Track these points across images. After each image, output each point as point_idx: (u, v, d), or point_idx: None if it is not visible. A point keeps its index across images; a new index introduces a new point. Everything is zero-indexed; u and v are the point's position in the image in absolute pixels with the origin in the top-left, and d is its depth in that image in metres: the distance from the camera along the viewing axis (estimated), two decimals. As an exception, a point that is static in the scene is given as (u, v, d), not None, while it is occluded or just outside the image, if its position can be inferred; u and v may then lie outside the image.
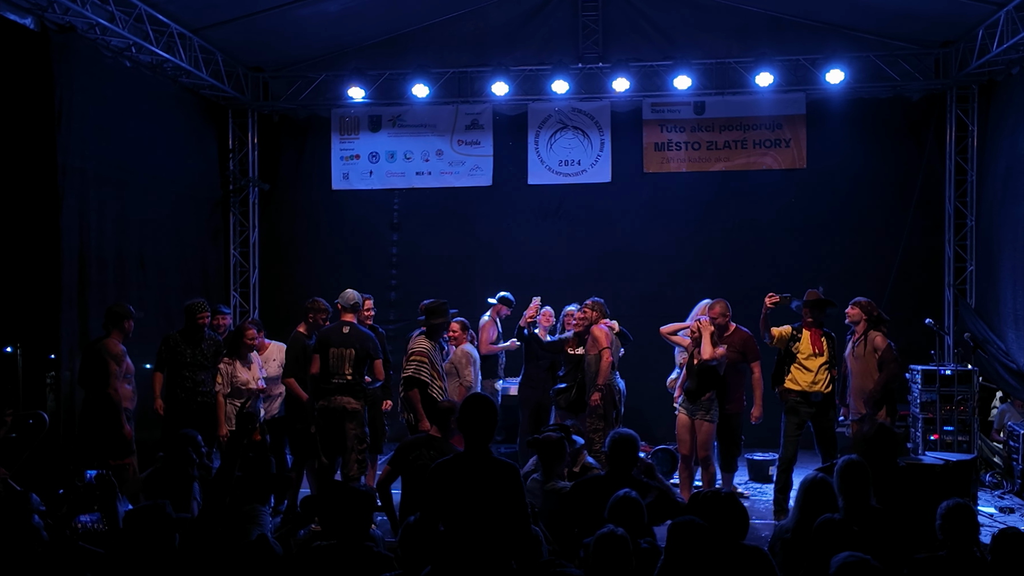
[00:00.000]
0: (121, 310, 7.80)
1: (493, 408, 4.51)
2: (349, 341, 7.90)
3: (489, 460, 4.42)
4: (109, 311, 7.83)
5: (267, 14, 10.39)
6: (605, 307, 8.77)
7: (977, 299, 11.40)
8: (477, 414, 4.46)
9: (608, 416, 8.40)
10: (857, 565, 3.90)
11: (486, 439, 4.47)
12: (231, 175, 12.46)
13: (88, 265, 9.07)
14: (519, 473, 4.47)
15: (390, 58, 12.00)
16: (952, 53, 11.18)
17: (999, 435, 10.37)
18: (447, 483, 4.39)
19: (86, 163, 9.08)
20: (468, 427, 4.47)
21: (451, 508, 4.35)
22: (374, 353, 7.98)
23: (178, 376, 8.09)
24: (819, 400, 8.15)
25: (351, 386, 7.82)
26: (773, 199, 11.92)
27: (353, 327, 8.05)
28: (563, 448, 6.06)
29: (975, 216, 11.50)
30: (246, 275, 12.66)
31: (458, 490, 4.35)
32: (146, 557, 4.45)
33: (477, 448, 4.45)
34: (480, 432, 4.45)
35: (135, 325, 7.91)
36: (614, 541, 4.23)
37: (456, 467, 4.43)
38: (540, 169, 12.15)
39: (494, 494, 4.33)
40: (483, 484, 4.34)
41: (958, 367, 10.09)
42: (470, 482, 4.35)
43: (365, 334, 8.07)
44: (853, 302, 8.44)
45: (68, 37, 8.81)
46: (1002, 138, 10.51)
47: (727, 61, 11.58)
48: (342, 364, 7.83)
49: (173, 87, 11.00)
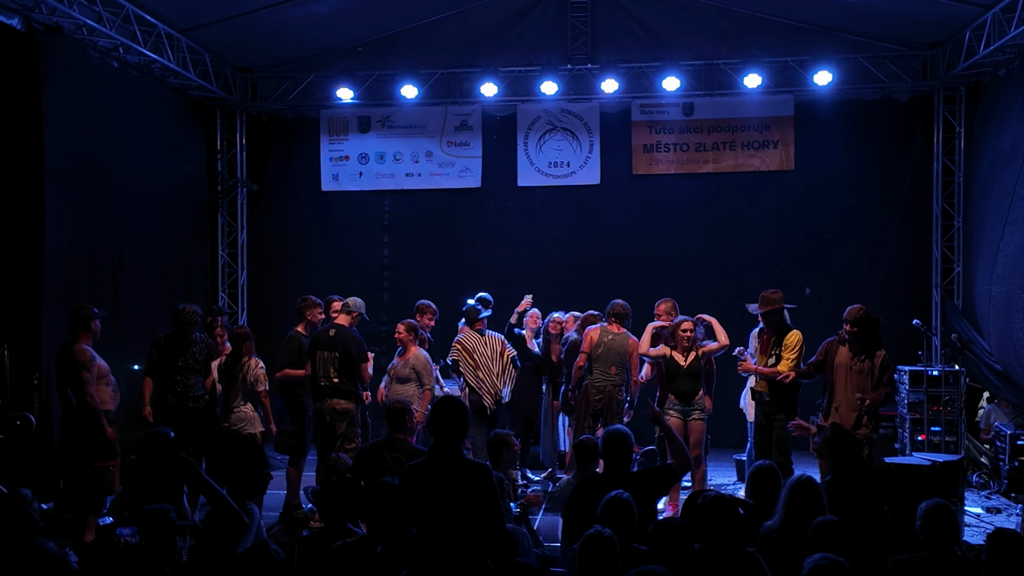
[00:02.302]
0: (85, 312, 7.65)
1: (464, 411, 4.52)
2: (334, 344, 8.04)
3: (461, 461, 4.43)
4: (74, 315, 7.66)
5: (255, 15, 10.36)
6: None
7: (964, 300, 11.45)
8: (448, 417, 4.46)
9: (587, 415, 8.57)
10: (829, 567, 3.91)
11: (457, 441, 4.47)
12: (219, 176, 12.42)
13: (73, 266, 9.03)
14: (491, 473, 4.48)
15: (379, 59, 11.99)
16: (939, 55, 11.23)
17: (986, 435, 10.42)
18: (420, 486, 4.39)
19: (72, 164, 9.04)
20: (439, 429, 4.47)
21: (424, 511, 4.35)
22: (357, 357, 8.05)
23: (169, 380, 8.05)
24: (768, 400, 8.05)
25: (336, 388, 7.98)
26: (761, 201, 11.95)
27: (340, 330, 8.14)
28: (596, 450, 6.11)
29: (962, 217, 11.54)
30: (234, 276, 12.63)
31: (431, 492, 4.35)
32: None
33: (448, 450, 4.44)
34: (451, 434, 4.45)
35: (107, 324, 7.85)
36: (600, 542, 4.23)
37: (428, 469, 4.43)
38: (529, 171, 12.15)
39: (466, 495, 4.33)
40: (455, 485, 4.34)
41: (945, 368, 10.12)
42: (442, 484, 4.34)
43: (351, 337, 8.14)
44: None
45: (55, 37, 8.78)
46: (987, 138, 10.58)
47: (715, 62, 11.60)
48: (327, 367, 7.99)
49: (161, 88, 10.97)
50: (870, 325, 7.63)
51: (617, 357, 8.63)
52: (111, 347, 7.89)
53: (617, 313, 8.82)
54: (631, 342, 8.68)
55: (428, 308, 9.20)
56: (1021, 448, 9.28)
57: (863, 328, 7.58)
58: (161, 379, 8.01)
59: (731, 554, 4.45)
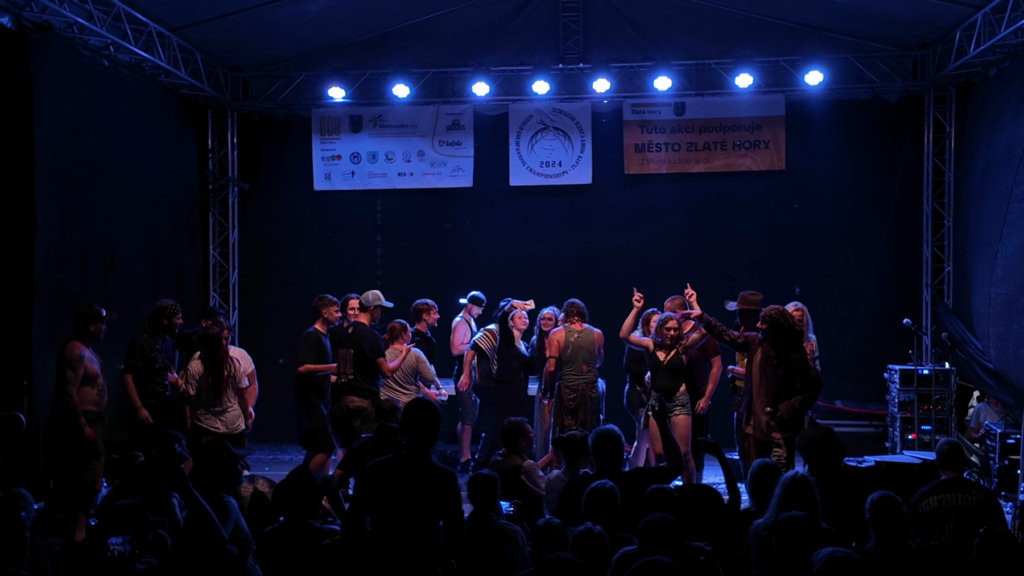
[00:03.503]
0: (88, 312, 7.64)
1: (436, 413, 4.48)
2: (350, 341, 8.31)
3: (428, 466, 4.38)
4: (77, 314, 7.68)
5: (247, 13, 10.32)
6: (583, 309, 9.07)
7: (954, 299, 11.49)
8: (419, 419, 4.42)
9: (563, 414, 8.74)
10: (841, 560, 3.92)
11: (427, 444, 4.42)
12: (210, 175, 12.38)
13: (62, 265, 8.99)
14: (456, 481, 4.42)
15: (371, 58, 11.97)
16: (930, 55, 11.26)
17: (976, 434, 10.45)
18: (381, 483, 4.35)
19: (63, 163, 8.98)
20: (409, 431, 4.42)
21: (382, 509, 4.31)
22: (371, 354, 8.15)
23: (151, 381, 8.04)
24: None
25: (351, 385, 8.24)
26: (752, 201, 11.98)
27: (357, 327, 8.45)
28: (585, 445, 6.14)
29: (952, 217, 11.58)
30: (225, 275, 12.59)
31: (392, 492, 4.31)
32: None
33: (417, 452, 4.39)
34: (421, 437, 4.40)
35: (108, 326, 7.82)
36: (591, 539, 4.25)
37: (393, 469, 4.38)
38: (521, 170, 12.14)
39: (428, 500, 4.30)
40: (418, 489, 4.30)
41: (936, 367, 10.16)
42: (405, 486, 4.31)
43: (365, 334, 8.33)
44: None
45: (45, 36, 8.72)
46: (980, 139, 10.59)
47: (707, 62, 11.62)
48: (345, 364, 8.30)
49: (152, 86, 10.93)
50: (781, 326, 7.19)
51: (587, 354, 8.83)
52: (102, 347, 7.84)
53: (577, 311, 9.01)
54: (596, 335, 8.95)
55: (429, 307, 9.31)
56: (1011, 447, 9.32)
57: (772, 329, 7.22)
58: (143, 380, 8.01)
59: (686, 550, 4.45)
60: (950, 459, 6.03)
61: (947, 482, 5.85)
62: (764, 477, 5.42)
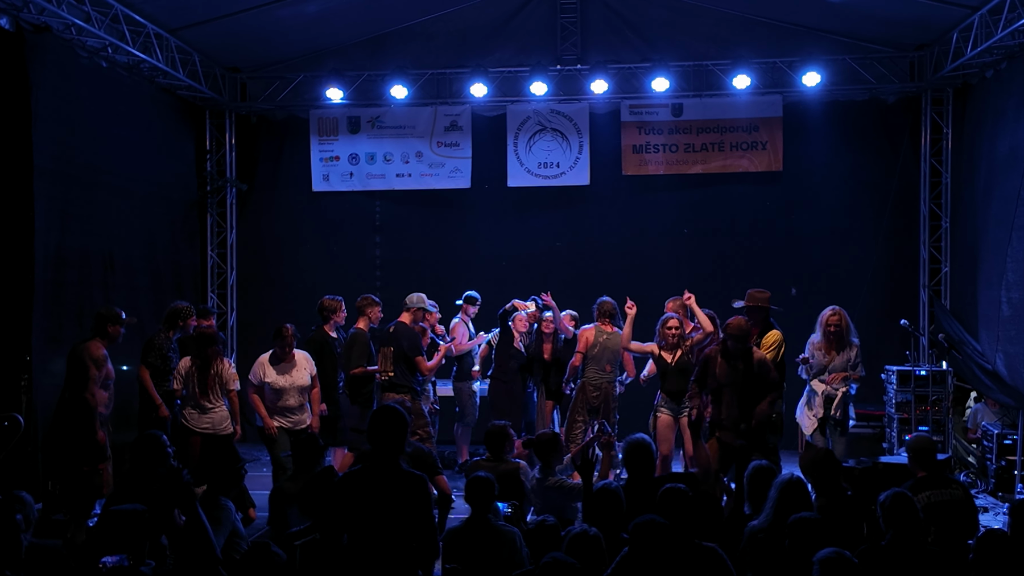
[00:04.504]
0: (108, 313, 7.71)
1: (403, 419, 4.47)
2: (390, 340, 8.49)
3: (397, 472, 4.37)
4: (96, 315, 7.74)
5: (245, 15, 10.34)
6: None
7: (952, 300, 11.51)
8: (385, 426, 4.41)
9: (582, 411, 8.81)
10: (837, 560, 3.95)
11: (396, 451, 4.41)
12: (208, 176, 12.41)
13: (62, 266, 9.01)
14: (426, 484, 4.43)
15: (369, 59, 12.00)
16: (927, 56, 11.29)
17: (973, 435, 10.48)
18: (353, 494, 4.34)
19: (62, 164, 9.01)
20: (376, 438, 4.40)
21: (356, 519, 4.31)
22: (410, 352, 8.46)
23: (164, 380, 8.09)
24: None
25: (392, 382, 8.42)
26: (749, 202, 12.02)
27: (398, 326, 8.63)
28: (558, 444, 6.34)
29: (950, 218, 11.61)
30: (223, 276, 12.62)
31: (363, 501, 4.30)
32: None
33: (385, 459, 4.38)
34: (388, 443, 4.39)
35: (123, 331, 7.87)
36: (585, 540, 4.28)
37: (363, 479, 4.37)
38: (519, 171, 12.16)
39: (400, 506, 4.28)
40: (390, 496, 4.29)
41: (933, 367, 10.20)
42: (377, 494, 4.30)
43: (405, 333, 8.57)
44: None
45: (43, 37, 8.74)
46: (982, 141, 10.56)
47: (704, 63, 11.64)
48: (386, 362, 8.44)
49: (150, 88, 10.95)
50: (746, 338, 7.41)
51: (612, 355, 8.90)
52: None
53: (609, 312, 9.03)
54: (622, 337, 8.88)
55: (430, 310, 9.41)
56: (1008, 447, 9.36)
57: (740, 341, 7.39)
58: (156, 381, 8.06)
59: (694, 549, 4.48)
60: (925, 456, 6.07)
61: (929, 479, 5.88)
62: (759, 480, 5.44)
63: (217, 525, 5.24)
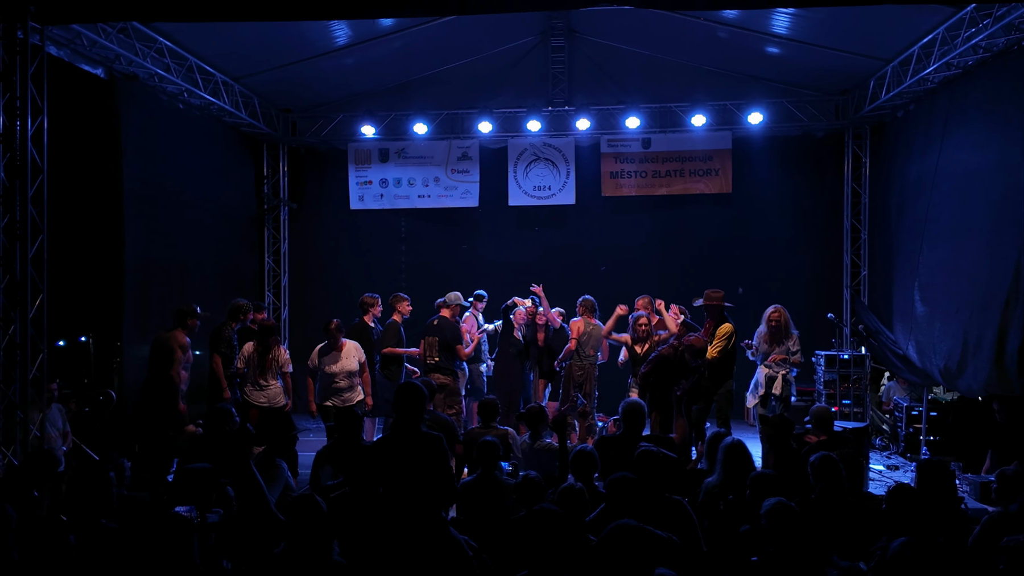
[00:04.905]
0: (187, 309, 7.74)
1: (422, 393, 4.53)
2: (435, 331, 8.67)
3: (419, 435, 4.47)
4: (177, 311, 7.76)
5: (296, 66, 10.37)
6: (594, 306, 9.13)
7: (870, 298, 11.54)
8: (408, 399, 4.49)
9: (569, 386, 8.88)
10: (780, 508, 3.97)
11: (417, 419, 4.49)
12: (265, 197, 12.44)
13: (147, 272, 9.04)
14: (443, 442, 4.49)
15: (396, 101, 12.00)
16: (849, 99, 11.31)
17: (887, 407, 10.52)
18: (386, 455, 4.44)
19: (146, 188, 9.04)
20: (401, 409, 4.49)
21: (389, 474, 4.40)
22: (452, 340, 8.61)
23: (230, 365, 8.10)
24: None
25: (438, 366, 8.56)
26: (706, 218, 12.03)
27: (441, 320, 8.77)
28: (544, 415, 6.37)
29: (868, 231, 11.64)
30: (278, 279, 12.65)
31: (395, 460, 4.40)
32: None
33: (408, 426, 4.48)
34: (411, 413, 4.47)
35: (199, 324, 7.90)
36: (571, 493, 4.30)
37: (392, 442, 4.49)
38: (518, 193, 12.18)
39: (422, 460, 4.38)
40: (415, 454, 4.39)
41: (853, 352, 10.22)
42: (403, 453, 4.40)
43: (447, 326, 8.70)
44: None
45: (131, 84, 8.80)
46: (895, 169, 10.56)
47: (668, 105, 11.66)
48: (431, 349, 8.58)
49: (218, 125, 10.98)
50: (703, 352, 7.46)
51: (595, 343, 8.99)
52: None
53: (589, 307, 9.11)
54: (603, 329, 9.02)
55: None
56: (915, 417, 9.40)
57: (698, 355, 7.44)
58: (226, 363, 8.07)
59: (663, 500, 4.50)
60: (824, 423, 6.29)
61: (829, 440, 5.97)
62: (713, 443, 5.48)
63: (272, 482, 5.27)
